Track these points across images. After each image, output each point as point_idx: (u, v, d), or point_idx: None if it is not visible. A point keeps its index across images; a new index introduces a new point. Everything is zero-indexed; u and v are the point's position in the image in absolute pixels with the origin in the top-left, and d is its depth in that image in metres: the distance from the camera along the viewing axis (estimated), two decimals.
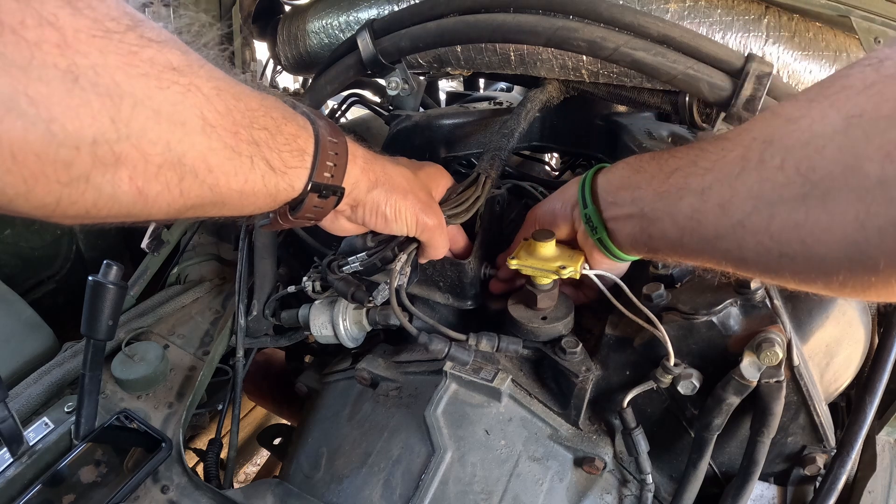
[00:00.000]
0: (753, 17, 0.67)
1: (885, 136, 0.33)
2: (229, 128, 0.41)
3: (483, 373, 0.70)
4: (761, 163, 0.41)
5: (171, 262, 1.06)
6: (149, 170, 0.36)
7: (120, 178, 0.35)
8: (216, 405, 0.91)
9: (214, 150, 0.40)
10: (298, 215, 0.51)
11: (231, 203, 0.44)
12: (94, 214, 0.36)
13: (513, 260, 0.65)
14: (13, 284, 0.99)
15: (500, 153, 0.73)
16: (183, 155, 0.38)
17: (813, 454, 0.67)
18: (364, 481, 0.68)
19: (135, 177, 0.36)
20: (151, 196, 0.38)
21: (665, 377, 0.62)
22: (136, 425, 0.74)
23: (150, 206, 0.38)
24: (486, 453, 0.67)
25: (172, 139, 0.37)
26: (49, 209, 0.34)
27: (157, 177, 0.37)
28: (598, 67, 0.73)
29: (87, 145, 0.32)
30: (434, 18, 0.72)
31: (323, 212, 0.53)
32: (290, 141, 0.47)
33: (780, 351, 0.56)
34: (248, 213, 0.48)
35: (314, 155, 0.49)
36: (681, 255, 0.52)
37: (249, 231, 0.90)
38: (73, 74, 0.31)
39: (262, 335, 0.90)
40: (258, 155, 0.44)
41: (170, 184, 0.38)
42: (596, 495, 0.69)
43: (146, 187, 0.37)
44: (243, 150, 0.42)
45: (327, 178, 0.50)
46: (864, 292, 0.38)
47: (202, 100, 0.39)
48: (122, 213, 0.38)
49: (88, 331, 0.65)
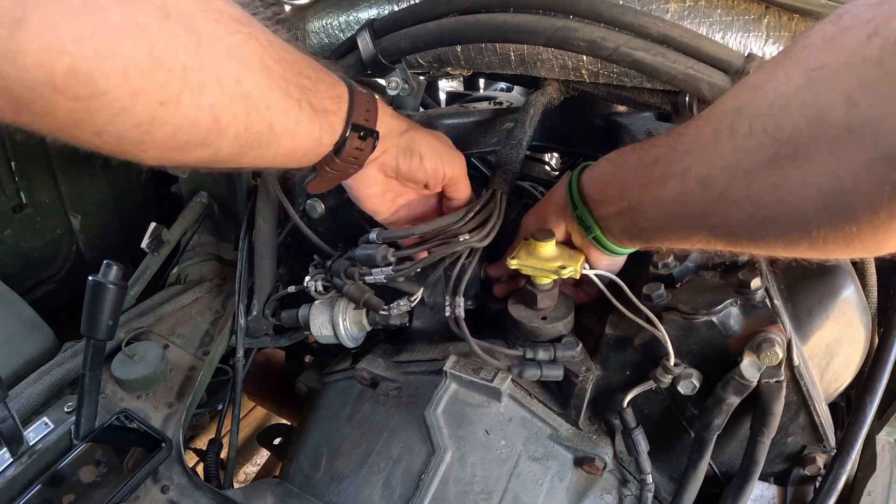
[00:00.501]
0: (753, 17, 0.67)
1: (846, 83, 0.33)
2: (281, 73, 0.47)
3: (483, 373, 0.70)
4: (732, 132, 0.41)
5: (171, 262, 1.06)
6: (223, 100, 0.42)
7: (202, 103, 0.41)
8: (216, 405, 0.91)
9: (272, 89, 0.46)
10: (342, 158, 0.57)
11: (284, 144, 0.50)
12: (176, 141, 0.41)
13: (513, 260, 0.65)
14: (13, 284, 0.99)
15: (513, 166, 0.73)
16: (249, 90, 0.44)
17: (813, 454, 0.67)
18: (364, 481, 0.68)
19: (213, 104, 0.42)
20: (223, 124, 0.43)
21: (665, 377, 0.62)
22: (136, 425, 0.74)
23: (221, 135, 0.44)
24: (486, 453, 0.67)
25: (241, 75, 0.43)
26: (143, 129, 0.39)
27: (229, 107, 0.43)
28: (598, 67, 0.73)
29: (178, 69, 0.39)
30: (434, 18, 0.72)
31: (363, 155, 0.58)
32: (329, 90, 0.54)
33: (780, 351, 0.56)
34: (297, 158, 0.54)
35: (349, 100, 0.56)
36: (673, 241, 0.53)
37: (249, 231, 0.91)
38: (166, 11, 0.37)
39: (262, 335, 0.90)
40: (304, 99, 0.50)
41: (238, 115, 0.44)
42: (596, 495, 0.69)
43: (221, 116, 0.43)
44: (293, 93, 0.49)
45: (364, 121, 0.57)
46: (848, 246, 0.37)
47: (260, 47, 0.45)
48: (198, 141, 0.43)
49: (88, 331, 0.65)
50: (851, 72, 0.33)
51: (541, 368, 0.67)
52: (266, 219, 0.88)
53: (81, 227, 1.40)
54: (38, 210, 1.32)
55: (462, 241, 0.67)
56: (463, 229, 0.68)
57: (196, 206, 1.07)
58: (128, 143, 0.40)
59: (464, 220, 0.68)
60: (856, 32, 0.33)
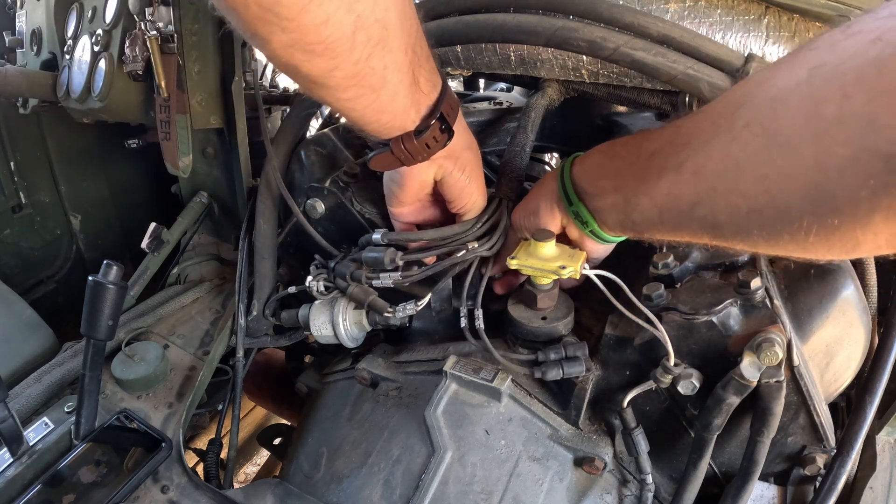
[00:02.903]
0: (753, 17, 0.67)
1: (843, 78, 0.33)
2: (409, 29, 0.50)
3: (483, 373, 0.70)
4: (731, 125, 0.41)
5: (171, 262, 1.06)
6: (369, 17, 0.44)
7: (354, 8, 0.43)
8: (216, 405, 0.91)
9: (400, 37, 0.49)
10: (419, 141, 0.58)
11: (383, 97, 0.52)
12: (315, 35, 0.42)
13: (513, 260, 0.65)
14: (13, 284, 0.99)
15: (518, 173, 0.73)
16: (389, 23, 0.46)
17: (813, 454, 0.67)
18: (364, 481, 0.68)
19: (360, 15, 0.44)
20: (357, 41, 0.45)
21: (665, 377, 0.62)
22: (136, 425, 0.74)
23: (350, 52, 0.45)
24: (486, 453, 0.67)
25: (390, 5, 0.46)
26: (297, 5, 0.40)
27: (369, 27, 0.45)
28: (598, 67, 0.73)
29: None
30: (434, 18, 0.72)
31: (436, 147, 0.59)
32: (431, 71, 0.56)
33: (780, 351, 0.56)
34: (384, 122, 0.55)
35: (441, 91, 0.58)
36: (662, 233, 0.53)
37: (249, 231, 0.91)
38: None
39: (262, 335, 0.90)
40: (413, 64, 0.52)
41: (371, 40, 0.46)
42: (596, 495, 0.69)
43: (359, 31, 0.44)
44: (409, 53, 0.51)
45: (448, 117, 0.58)
46: (828, 240, 0.37)
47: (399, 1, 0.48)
48: (330, 45, 0.44)
49: (88, 331, 0.65)
50: (850, 69, 0.33)
51: (562, 367, 0.67)
52: (266, 219, 0.88)
53: (81, 227, 1.40)
54: (38, 210, 1.32)
55: (471, 249, 0.68)
56: (470, 237, 0.69)
57: (196, 206, 1.07)
58: (273, 14, 0.40)
59: (473, 230, 0.69)
60: (860, 37, 0.34)
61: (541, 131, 0.95)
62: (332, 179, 0.82)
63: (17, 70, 1.13)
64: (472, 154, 0.67)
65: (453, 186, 0.66)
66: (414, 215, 0.73)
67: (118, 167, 1.45)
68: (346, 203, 0.81)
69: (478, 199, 0.69)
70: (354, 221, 0.83)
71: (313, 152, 0.87)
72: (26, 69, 1.20)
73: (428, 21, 0.72)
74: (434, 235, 0.69)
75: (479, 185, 0.68)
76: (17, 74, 1.11)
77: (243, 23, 0.42)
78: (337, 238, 0.83)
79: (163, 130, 0.97)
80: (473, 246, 0.68)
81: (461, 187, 0.67)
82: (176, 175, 1.04)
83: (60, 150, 1.33)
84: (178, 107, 0.94)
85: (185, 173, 1.02)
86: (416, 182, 0.66)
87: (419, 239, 0.70)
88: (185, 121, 0.95)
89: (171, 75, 0.92)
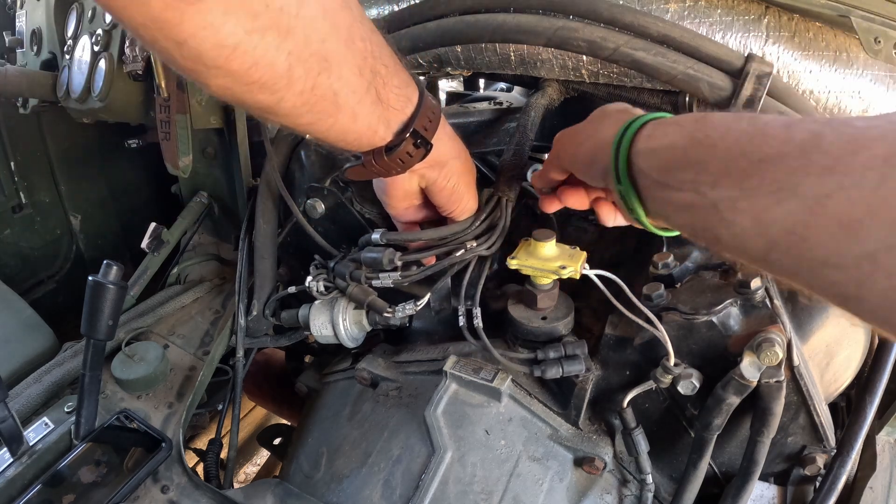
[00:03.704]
0: (753, 17, 0.67)
1: None
2: (362, 51, 0.48)
3: (483, 373, 0.70)
4: (884, 179, 0.28)
5: (171, 262, 1.06)
6: (303, 53, 0.43)
7: (283, 47, 0.42)
8: (216, 405, 0.91)
9: (348, 61, 0.47)
10: (391, 158, 0.56)
11: (342, 120, 0.50)
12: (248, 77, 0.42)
13: (513, 260, 0.65)
14: (13, 284, 0.99)
15: (517, 172, 0.73)
16: (328, 53, 0.45)
17: (813, 454, 0.67)
18: (364, 481, 0.68)
19: (292, 52, 0.42)
20: (294, 76, 0.44)
21: (665, 377, 0.62)
22: (136, 425, 0.74)
23: (289, 86, 0.44)
24: (486, 453, 0.67)
25: (327, 36, 0.44)
26: (226, 52, 0.40)
27: (305, 61, 0.44)
28: (598, 67, 0.73)
29: (276, 7, 0.40)
30: (434, 18, 0.72)
31: (412, 161, 0.58)
32: (401, 86, 0.54)
33: (780, 351, 0.56)
34: (350, 141, 0.54)
35: (417, 105, 0.56)
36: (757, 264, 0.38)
37: (249, 231, 0.91)
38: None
39: (262, 335, 0.90)
40: (373, 84, 0.51)
41: (310, 72, 0.45)
42: (596, 495, 0.69)
43: (295, 66, 0.43)
44: (366, 74, 0.49)
45: (424, 130, 0.56)
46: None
47: (351, 18, 0.47)
48: (267, 83, 0.43)
49: (88, 331, 0.65)
50: None
51: (561, 365, 0.67)
52: (266, 219, 0.88)
53: (81, 227, 1.40)
54: (38, 210, 1.32)
55: (469, 248, 0.68)
56: (468, 236, 0.69)
57: (196, 206, 1.07)
58: (203, 63, 0.40)
59: (471, 229, 0.69)
60: None
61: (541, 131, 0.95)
62: (332, 179, 0.82)
63: (17, 70, 1.13)
64: (461, 163, 0.66)
65: (439, 194, 0.66)
66: (412, 215, 0.73)
67: (118, 167, 1.45)
68: (346, 203, 0.81)
69: (468, 203, 0.68)
70: (354, 221, 0.83)
71: (313, 152, 0.87)
72: (26, 69, 1.20)
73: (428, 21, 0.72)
74: (432, 235, 0.69)
75: (469, 190, 0.67)
76: (17, 74, 1.11)
77: (178, 69, 0.42)
78: (337, 238, 0.83)
79: (163, 130, 0.97)
80: (472, 245, 0.68)
81: (448, 195, 0.66)
82: (176, 175, 1.04)
83: (60, 150, 1.33)
84: (178, 107, 0.94)
85: (185, 173, 1.02)
86: (400, 191, 0.66)
87: (417, 239, 0.70)
88: (185, 121, 0.95)
89: (171, 75, 0.92)
